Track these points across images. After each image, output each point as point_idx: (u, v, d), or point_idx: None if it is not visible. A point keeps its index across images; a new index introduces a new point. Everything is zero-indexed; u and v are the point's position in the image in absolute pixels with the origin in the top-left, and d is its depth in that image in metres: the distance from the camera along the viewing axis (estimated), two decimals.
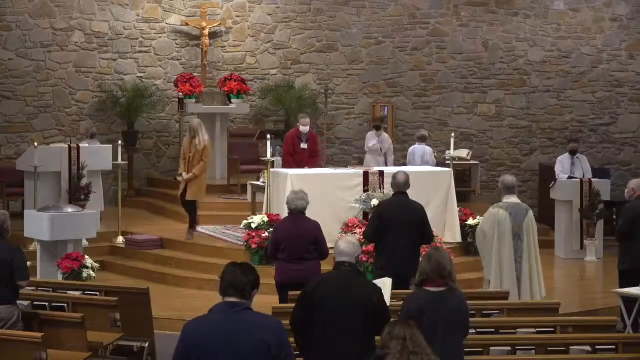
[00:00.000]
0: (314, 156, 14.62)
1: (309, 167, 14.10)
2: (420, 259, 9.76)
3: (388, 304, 7.17)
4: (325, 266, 9.47)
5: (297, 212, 10.02)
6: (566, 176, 15.69)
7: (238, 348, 5.27)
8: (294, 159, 14.41)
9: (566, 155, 16.05)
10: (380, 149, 16.72)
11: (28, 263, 8.69)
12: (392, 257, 10.23)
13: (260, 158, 15.52)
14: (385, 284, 8.22)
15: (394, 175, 10.77)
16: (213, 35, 18.42)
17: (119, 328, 8.89)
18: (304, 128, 14.53)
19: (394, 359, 5.07)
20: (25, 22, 17.59)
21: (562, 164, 15.88)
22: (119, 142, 15.14)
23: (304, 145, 14.54)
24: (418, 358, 5.07)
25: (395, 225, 10.31)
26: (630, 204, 11.50)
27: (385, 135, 17.15)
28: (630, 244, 11.21)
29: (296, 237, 9.89)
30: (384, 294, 6.94)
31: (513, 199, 10.62)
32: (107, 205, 16.27)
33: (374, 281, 8.06)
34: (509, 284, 10.53)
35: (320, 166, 14.84)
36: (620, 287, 11.14)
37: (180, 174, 14.34)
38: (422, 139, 16.41)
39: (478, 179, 18.62)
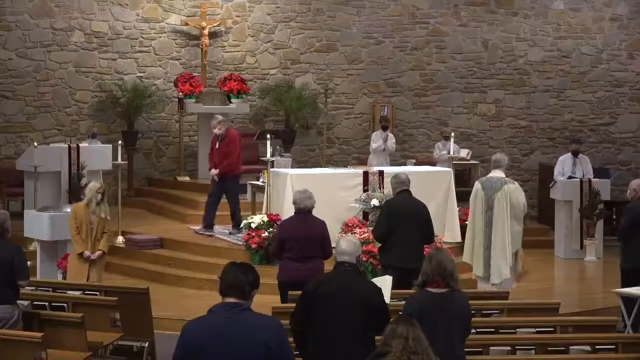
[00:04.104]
0: (224, 157, 14.30)
1: (217, 169, 14.19)
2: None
3: (388, 302, 7.17)
4: (326, 266, 9.47)
5: (304, 212, 9.95)
6: (564, 179, 15.66)
7: (238, 349, 5.26)
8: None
9: (568, 155, 16.04)
10: (384, 149, 16.96)
11: (28, 263, 8.69)
12: (403, 254, 10.14)
13: (260, 158, 15.51)
14: (385, 283, 8.22)
15: (397, 175, 10.82)
16: (213, 35, 18.41)
17: (119, 328, 8.89)
18: (215, 131, 14.40)
19: (395, 358, 5.04)
20: (25, 22, 17.58)
21: (562, 165, 15.86)
22: (119, 142, 15.14)
23: (217, 146, 14.46)
24: (419, 358, 5.04)
25: (405, 222, 10.33)
26: (631, 204, 11.52)
27: (390, 134, 17.47)
28: (632, 243, 11.23)
29: (305, 236, 9.80)
30: (384, 293, 6.94)
31: (496, 173, 11.23)
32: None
33: (374, 280, 8.06)
34: (477, 255, 11.36)
35: (228, 168, 14.30)
36: (623, 286, 11.15)
37: (81, 253, 10.99)
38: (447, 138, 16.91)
39: (478, 179, 18.58)
